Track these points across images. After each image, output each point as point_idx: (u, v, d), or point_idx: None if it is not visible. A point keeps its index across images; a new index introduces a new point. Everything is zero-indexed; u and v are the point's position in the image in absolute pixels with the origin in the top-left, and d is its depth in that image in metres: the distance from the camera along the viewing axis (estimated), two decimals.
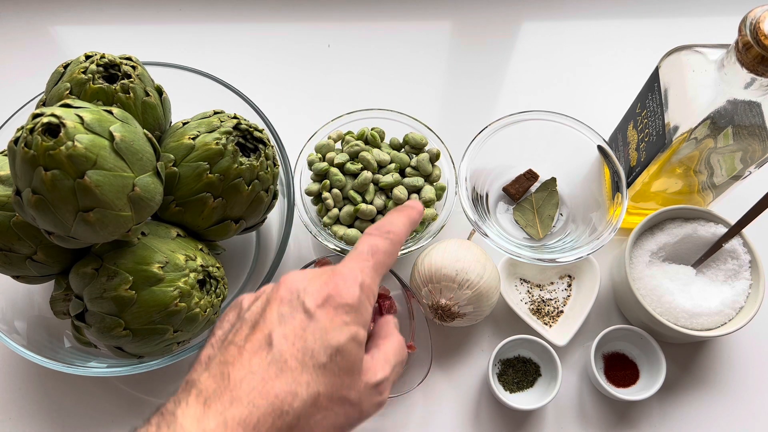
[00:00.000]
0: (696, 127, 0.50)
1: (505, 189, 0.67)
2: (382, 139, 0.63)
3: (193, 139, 0.52)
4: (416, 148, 0.62)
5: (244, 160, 0.52)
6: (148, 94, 0.54)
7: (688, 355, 0.62)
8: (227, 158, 0.51)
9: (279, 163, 0.59)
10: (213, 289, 0.52)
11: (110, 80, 0.52)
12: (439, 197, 0.61)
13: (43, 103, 0.54)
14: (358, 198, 0.59)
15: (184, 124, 0.54)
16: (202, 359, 0.34)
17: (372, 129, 0.63)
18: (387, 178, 0.60)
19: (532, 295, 0.63)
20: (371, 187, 0.60)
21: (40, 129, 0.42)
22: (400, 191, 0.59)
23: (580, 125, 0.62)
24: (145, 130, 0.49)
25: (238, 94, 0.63)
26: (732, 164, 0.55)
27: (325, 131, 0.64)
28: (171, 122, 0.59)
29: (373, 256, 0.38)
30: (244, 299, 0.38)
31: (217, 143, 0.51)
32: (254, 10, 0.82)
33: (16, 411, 0.60)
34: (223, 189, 0.52)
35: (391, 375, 0.37)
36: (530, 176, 0.67)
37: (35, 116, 0.43)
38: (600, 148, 0.62)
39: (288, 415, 0.31)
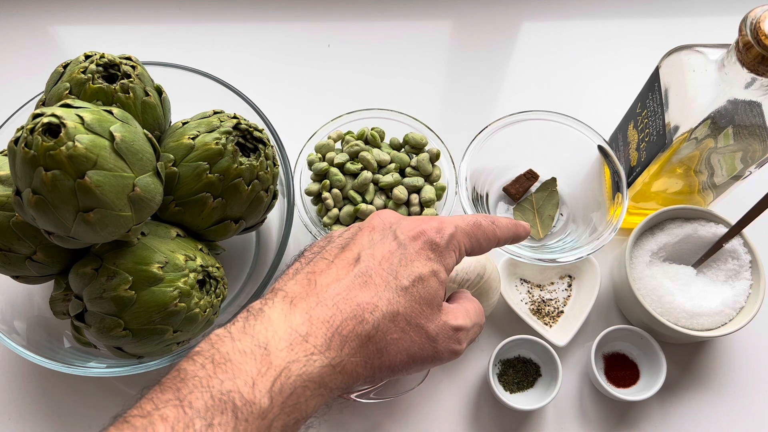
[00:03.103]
0: (696, 127, 0.50)
1: (505, 189, 0.67)
2: (382, 139, 0.63)
3: (193, 139, 0.52)
4: (416, 148, 0.62)
5: (243, 160, 0.52)
6: (147, 94, 0.54)
7: (688, 356, 0.62)
8: (227, 158, 0.51)
9: (279, 163, 0.59)
10: (213, 289, 0.52)
11: (110, 80, 0.52)
12: (439, 197, 0.61)
13: (43, 103, 0.54)
14: (358, 198, 0.59)
15: (184, 124, 0.54)
16: (290, 272, 0.37)
17: (372, 129, 0.63)
18: (387, 178, 0.59)
19: (533, 295, 0.63)
20: (371, 187, 0.60)
21: (40, 129, 0.42)
22: (400, 191, 0.59)
23: (580, 125, 0.62)
24: (145, 130, 0.49)
25: (237, 93, 0.63)
26: (732, 164, 0.55)
27: (325, 131, 0.64)
28: (171, 122, 0.59)
29: (473, 226, 0.39)
30: (336, 231, 0.40)
31: (216, 143, 0.51)
32: (254, 10, 0.82)
33: (16, 411, 0.60)
34: (222, 189, 0.52)
35: (470, 328, 0.38)
36: (530, 176, 0.67)
37: (35, 116, 0.43)
38: (600, 148, 0.62)
39: (367, 324, 0.33)
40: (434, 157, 0.62)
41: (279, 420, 0.30)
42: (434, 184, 0.62)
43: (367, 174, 0.59)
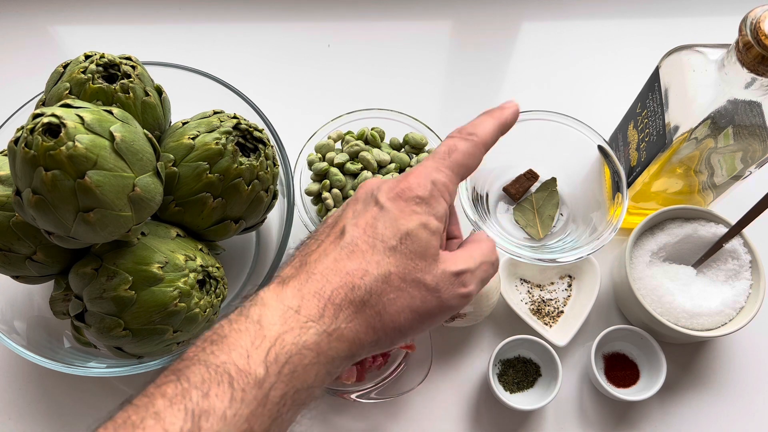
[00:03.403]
0: (696, 127, 0.50)
1: (505, 189, 0.67)
2: (382, 139, 0.63)
3: (193, 139, 0.52)
4: (416, 148, 0.62)
5: (243, 160, 0.52)
6: (147, 94, 0.53)
7: (688, 355, 0.62)
8: (227, 158, 0.51)
9: (279, 163, 0.59)
10: (213, 289, 0.52)
11: (110, 80, 0.52)
12: None
13: (43, 103, 0.54)
14: None
15: (184, 124, 0.54)
16: (288, 260, 0.37)
17: (372, 129, 0.63)
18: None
19: (533, 296, 0.63)
20: None
21: (40, 129, 0.42)
22: None
23: (580, 125, 0.62)
24: (145, 130, 0.49)
25: (237, 93, 0.63)
26: (732, 164, 0.55)
27: (325, 131, 0.64)
28: (171, 122, 0.59)
29: (449, 155, 0.38)
30: (330, 213, 0.39)
31: (216, 143, 0.51)
32: (254, 10, 0.82)
33: (16, 411, 0.60)
34: (222, 189, 0.52)
35: (474, 269, 0.37)
36: (530, 176, 0.67)
37: (35, 116, 0.43)
38: (600, 148, 0.61)
39: (360, 289, 0.33)
40: None
41: (277, 389, 0.30)
42: None
43: (367, 174, 0.59)
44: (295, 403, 0.31)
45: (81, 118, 0.43)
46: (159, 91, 0.56)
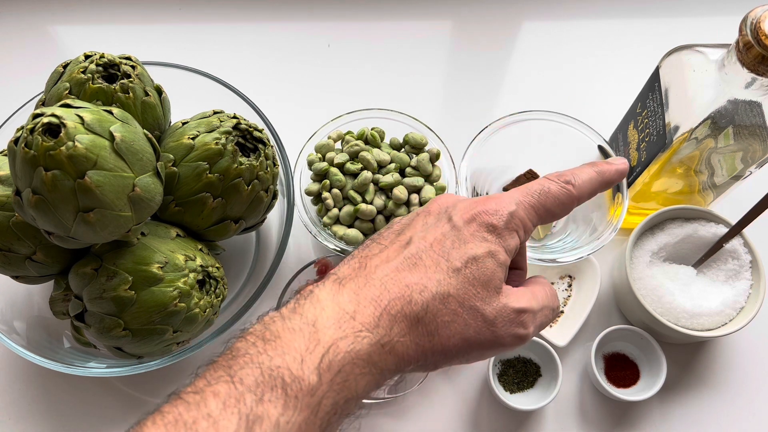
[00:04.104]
0: (696, 127, 0.50)
1: (505, 189, 0.67)
2: (382, 139, 0.63)
3: (193, 139, 0.52)
4: (416, 148, 0.62)
5: (243, 160, 0.52)
6: (147, 94, 0.53)
7: (688, 356, 0.62)
8: (227, 158, 0.51)
9: (279, 163, 0.59)
10: (212, 289, 0.52)
11: (110, 80, 0.52)
12: None
13: (43, 103, 0.54)
14: (358, 198, 0.59)
15: (184, 123, 0.54)
16: (346, 259, 0.36)
17: (372, 129, 0.63)
18: (387, 178, 0.59)
19: None
20: (371, 187, 0.60)
21: (40, 129, 0.42)
22: (400, 191, 0.59)
23: (580, 125, 0.62)
24: (145, 130, 0.49)
25: (237, 93, 0.63)
26: (732, 164, 0.55)
27: (325, 131, 0.64)
28: (170, 122, 0.59)
29: (538, 196, 0.36)
30: (396, 218, 0.39)
31: (216, 143, 0.51)
32: (254, 10, 0.82)
33: (16, 411, 0.60)
34: (222, 189, 0.52)
35: (536, 311, 0.35)
36: (530, 176, 0.67)
37: (35, 116, 0.43)
38: (600, 148, 0.61)
39: (416, 304, 0.32)
40: (434, 157, 0.62)
41: (328, 397, 0.30)
42: (434, 184, 0.62)
43: (367, 174, 0.59)
44: (343, 412, 0.31)
45: (81, 118, 0.43)
46: (159, 91, 0.56)
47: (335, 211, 0.60)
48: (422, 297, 0.32)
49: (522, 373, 0.60)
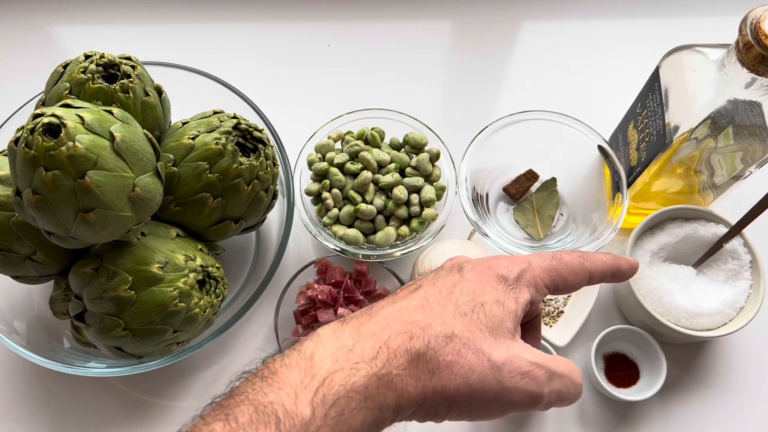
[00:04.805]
0: (696, 127, 0.50)
1: (505, 189, 0.67)
2: (382, 139, 0.63)
3: (193, 139, 0.52)
4: (416, 148, 0.62)
5: (243, 160, 0.52)
6: (147, 94, 0.54)
7: (688, 356, 0.62)
8: (227, 158, 0.51)
9: (279, 163, 0.59)
10: (212, 289, 0.52)
11: (110, 80, 0.52)
12: (439, 197, 0.61)
13: (43, 103, 0.54)
14: (358, 198, 0.59)
15: (184, 123, 0.54)
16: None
17: (372, 129, 0.63)
18: (387, 178, 0.59)
19: None
20: (371, 187, 0.60)
21: (40, 129, 0.42)
22: (400, 191, 0.59)
23: (580, 125, 0.62)
24: (145, 130, 0.49)
25: (237, 93, 0.63)
26: (732, 164, 0.55)
27: (325, 131, 0.64)
28: (171, 122, 0.59)
29: (551, 259, 0.36)
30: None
31: (216, 143, 0.51)
32: (254, 10, 0.82)
33: (16, 411, 0.60)
34: (222, 189, 0.52)
35: (555, 375, 0.33)
36: (530, 176, 0.67)
37: (35, 116, 0.43)
38: (600, 148, 0.62)
39: (418, 339, 0.31)
40: (434, 157, 0.62)
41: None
42: (434, 184, 0.62)
43: (367, 174, 0.59)
44: None
45: (81, 118, 0.43)
46: (159, 91, 0.56)
47: (335, 211, 0.60)
48: (425, 333, 0.31)
49: None
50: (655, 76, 0.55)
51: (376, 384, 0.30)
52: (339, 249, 0.59)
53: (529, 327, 0.39)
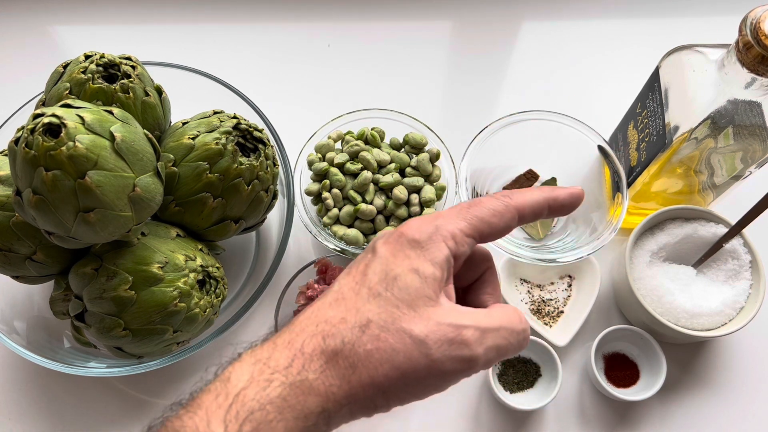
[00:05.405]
0: (696, 127, 0.50)
1: (505, 189, 0.67)
2: (382, 139, 0.63)
3: (193, 139, 0.52)
4: (416, 148, 0.62)
5: (243, 160, 0.52)
6: (147, 94, 0.54)
7: (688, 356, 0.62)
8: (227, 158, 0.51)
9: (279, 163, 0.59)
10: (213, 289, 0.52)
11: (110, 80, 0.52)
12: (439, 197, 0.61)
13: (43, 103, 0.54)
14: (358, 198, 0.59)
15: (184, 124, 0.54)
16: None
17: (372, 129, 0.63)
18: (387, 178, 0.59)
19: (533, 296, 0.63)
20: (371, 187, 0.60)
21: (41, 129, 0.42)
22: (400, 191, 0.59)
23: (580, 125, 0.62)
24: (145, 130, 0.49)
25: (237, 93, 0.63)
26: (732, 164, 0.55)
27: (325, 131, 0.64)
28: (171, 122, 0.59)
29: (468, 206, 0.33)
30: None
31: (216, 143, 0.51)
32: (254, 10, 0.82)
33: (16, 411, 0.60)
34: (222, 189, 0.52)
35: (487, 332, 0.31)
36: (530, 176, 0.67)
37: (36, 116, 0.43)
38: (600, 148, 0.62)
39: (333, 338, 0.30)
40: (434, 157, 0.62)
41: None
42: (434, 184, 0.62)
43: (367, 174, 0.59)
44: None
45: (81, 118, 0.43)
46: (159, 91, 0.56)
47: (335, 211, 0.60)
48: (339, 329, 0.30)
49: (522, 372, 0.60)
50: (655, 76, 0.55)
51: (293, 392, 0.29)
52: (339, 249, 0.59)
53: (481, 282, 0.37)
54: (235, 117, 0.54)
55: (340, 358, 0.29)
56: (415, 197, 0.60)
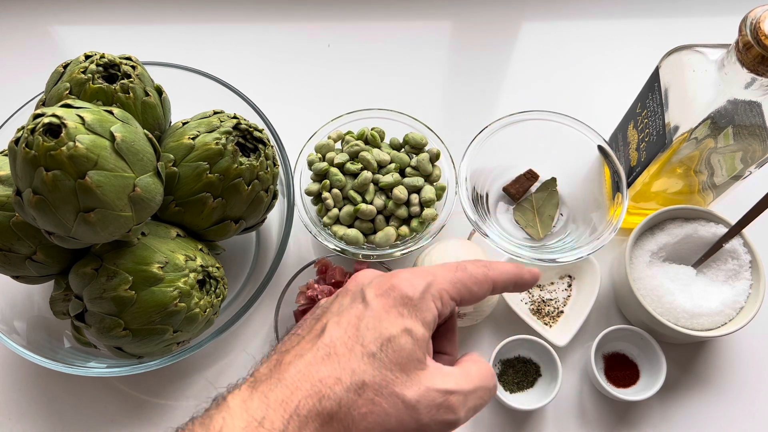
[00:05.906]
0: (696, 127, 0.50)
1: (505, 189, 0.67)
2: (382, 139, 0.63)
3: (193, 139, 0.52)
4: (416, 148, 0.62)
5: (243, 160, 0.52)
6: (147, 94, 0.54)
7: (688, 356, 0.62)
8: (227, 158, 0.51)
9: (279, 163, 0.59)
10: (213, 289, 0.52)
11: (110, 80, 0.52)
12: (439, 197, 0.61)
13: (43, 103, 0.54)
14: (358, 198, 0.59)
15: (184, 124, 0.54)
16: (267, 356, 0.34)
17: (372, 129, 0.63)
18: (387, 178, 0.60)
19: (533, 295, 0.63)
20: (371, 187, 0.60)
21: (41, 129, 0.42)
22: (400, 191, 0.59)
23: (580, 125, 0.62)
24: (145, 131, 0.49)
25: (237, 94, 0.63)
26: (732, 164, 0.55)
27: (325, 131, 0.64)
28: (171, 122, 0.59)
29: (455, 268, 0.35)
30: (322, 300, 0.37)
31: (216, 143, 0.51)
32: (254, 10, 0.82)
33: (16, 411, 0.60)
34: (222, 189, 0.52)
35: (469, 394, 0.33)
36: (530, 176, 0.67)
37: (36, 116, 0.43)
38: (600, 148, 0.62)
39: (329, 399, 0.30)
40: (434, 157, 0.62)
41: None
42: (434, 184, 0.62)
43: (367, 174, 0.59)
44: None
45: (81, 118, 0.43)
46: (159, 91, 0.56)
47: (335, 211, 0.60)
48: (334, 391, 0.30)
49: (522, 372, 0.60)
50: (654, 76, 0.55)
51: None
52: (339, 249, 0.59)
53: (443, 330, 0.38)
54: (235, 117, 0.54)
55: (336, 420, 0.30)
56: (415, 197, 0.60)
